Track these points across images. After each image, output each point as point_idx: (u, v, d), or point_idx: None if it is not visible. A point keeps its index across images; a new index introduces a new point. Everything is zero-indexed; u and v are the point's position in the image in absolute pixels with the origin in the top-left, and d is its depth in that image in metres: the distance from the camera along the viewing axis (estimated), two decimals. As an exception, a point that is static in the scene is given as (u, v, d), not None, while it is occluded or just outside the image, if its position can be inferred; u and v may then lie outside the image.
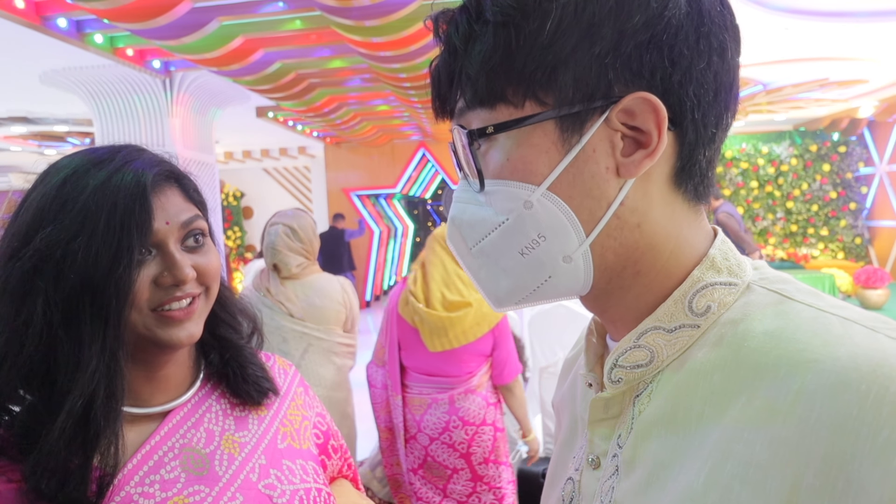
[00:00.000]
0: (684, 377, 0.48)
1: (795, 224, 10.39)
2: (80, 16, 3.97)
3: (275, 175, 12.50)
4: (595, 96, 0.47)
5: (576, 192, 0.49)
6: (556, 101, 0.48)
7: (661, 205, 0.50)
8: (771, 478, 0.40)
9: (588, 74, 0.47)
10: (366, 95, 6.72)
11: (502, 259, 0.52)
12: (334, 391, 2.57)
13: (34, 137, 8.22)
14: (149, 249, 0.73)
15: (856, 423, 0.38)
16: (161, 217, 0.73)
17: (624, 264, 0.51)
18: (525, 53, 0.48)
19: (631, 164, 0.48)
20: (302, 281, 2.53)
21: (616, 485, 0.51)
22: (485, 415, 2.38)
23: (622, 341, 0.52)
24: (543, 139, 0.49)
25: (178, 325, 0.74)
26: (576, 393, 0.65)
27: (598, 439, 0.55)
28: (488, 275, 0.54)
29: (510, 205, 0.50)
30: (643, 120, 0.47)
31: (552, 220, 0.49)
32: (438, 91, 0.54)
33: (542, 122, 0.48)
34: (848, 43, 5.28)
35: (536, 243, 0.50)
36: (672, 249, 0.51)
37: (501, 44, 0.49)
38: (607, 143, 0.48)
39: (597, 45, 0.47)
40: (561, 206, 0.49)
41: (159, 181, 0.76)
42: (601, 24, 0.47)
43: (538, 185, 0.49)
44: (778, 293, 0.49)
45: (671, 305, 0.50)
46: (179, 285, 0.73)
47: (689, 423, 0.46)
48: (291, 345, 2.48)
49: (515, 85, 0.49)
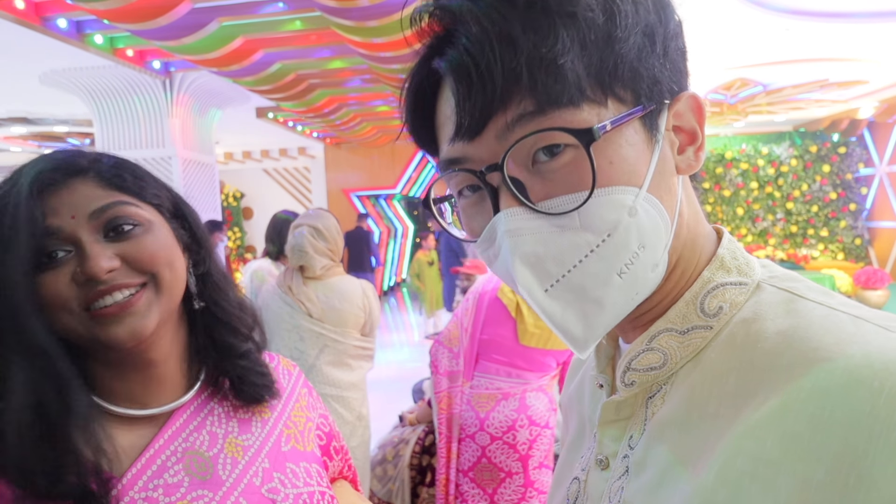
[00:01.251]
0: (699, 379, 0.48)
1: (795, 225, 10.39)
2: (80, 16, 3.97)
3: (275, 176, 12.49)
4: (663, 92, 0.48)
5: (662, 190, 0.47)
6: (634, 98, 0.46)
7: (691, 200, 0.52)
8: (782, 474, 0.40)
9: (656, 72, 0.47)
10: (366, 96, 6.72)
11: (596, 289, 0.46)
12: (349, 392, 2.57)
13: (34, 138, 8.22)
14: (59, 250, 0.69)
15: (868, 420, 0.38)
16: (65, 212, 0.69)
17: (676, 264, 0.50)
18: (602, 47, 0.45)
19: (688, 161, 0.49)
20: (324, 282, 2.53)
21: (626, 485, 0.51)
22: (549, 418, 2.32)
23: (634, 344, 0.52)
24: (636, 137, 0.46)
25: (116, 322, 0.69)
26: (584, 393, 0.65)
27: (608, 440, 0.55)
28: (575, 315, 0.47)
29: (613, 216, 0.45)
30: (688, 118, 0.49)
31: (653, 225, 0.46)
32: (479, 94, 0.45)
33: (632, 120, 0.46)
34: (848, 44, 5.28)
35: (636, 256, 0.45)
36: (701, 245, 0.52)
37: (575, 36, 0.44)
38: (668, 141, 0.49)
39: (656, 44, 0.47)
40: (658, 207, 0.46)
41: (59, 177, 0.71)
42: (654, 26, 0.47)
43: (640, 188, 0.45)
44: (789, 291, 0.49)
45: (683, 307, 0.50)
46: (93, 279, 0.68)
47: (704, 424, 0.46)
48: (308, 344, 2.50)
49: (595, 81, 0.45)
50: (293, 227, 2.54)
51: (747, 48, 5.12)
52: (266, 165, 12.17)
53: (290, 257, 2.53)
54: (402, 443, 2.83)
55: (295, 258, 2.50)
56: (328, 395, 2.51)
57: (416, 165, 11.05)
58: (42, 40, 4.01)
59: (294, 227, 2.53)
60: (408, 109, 0.53)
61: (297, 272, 2.53)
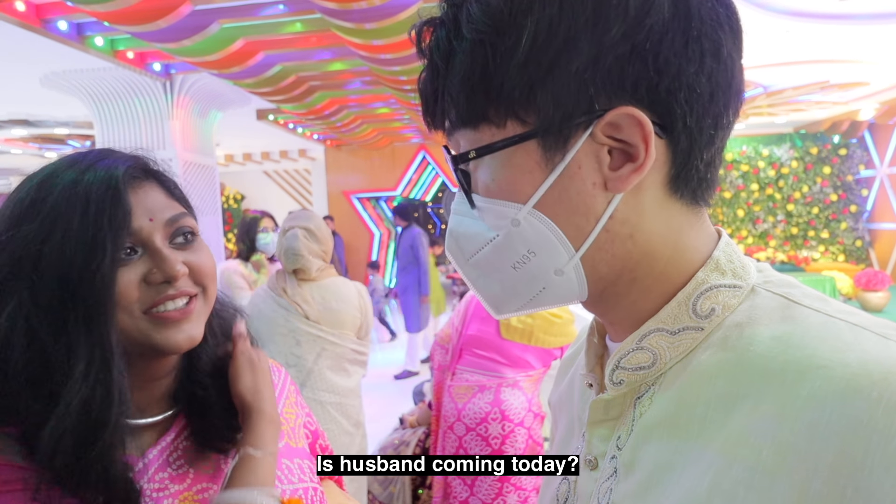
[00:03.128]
0: (688, 380, 0.48)
1: (796, 227, 10.38)
2: (80, 18, 3.97)
3: (275, 178, 12.49)
4: (576, 114, 0.46)
5: (562, 209, 0.48)
6: (537, 119, 0.47)
7: (655, 213, 0.49)
8: (778, 484, 0.40)
9: (567, 91, 0.46)
10: (366, 98, 6.72)
11: (496, 272, 0.52)
12: (348, 398, 2.52)
13: (35, 140, 8.22)
14: (133, 248, 0.69)
15: (867, 430, 0.37)
16: (142, 214, 0.70)
17: (619, 273, 0.50)
18: (502, 72, 0.46)
19: (619, 179, 0.47)
20: (319, 283, 2.47)
21: (614, 486, 0.50)
22: (524, 417, 2.35)
23: (624, 343, 0.52)
24: (526, 159, 0.48)
25: (175, 327, 0.70)
26: (574, 392, 0.65)
27: (597, 440, 0.54)
28: (485, 284, 0.54)
29: (499, 222, 0.50)
30: (629, 133, 0.46)
31: (540, 237, 0.49)
32: (426, 108, 0.54)
33: (524, 142, 0.47)
34: (849, 45, 5.28)
35: (527, 258, 0.50)
36: (670, 255, 0.50)
37: (479, 62, 0.47)
38: (593, 158, 0.47)
39: (574, 60, 0.45)
40: (547, 223, 0.49)
41: (135, 176, 0.72)
42: (578, 39, 0.45)
43: (524, 204, 0.49)
44: (784, 297, 0.48)
45: (674, 307, 0.50)
46: (171, 282, 0.69)
47: (692, 426, 0.46)
48: (304, 348, 2.42)
49: (496, 105, 0.47)
50: (283, 229, 2.47)
51: (747, 50, 5.09)
52: (267, 167, 12.18)
53: (283, 261, 2.45)
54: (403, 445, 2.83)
55: (290, 262, 2.43)
56: (327, 403, 2.44)
57: (416, 167, 11.04)
58: (43, 42, 4.02)
59: (284, 229, 2.46)
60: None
61: (290, 274, 2.46)
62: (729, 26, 0.48)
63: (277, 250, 2.50)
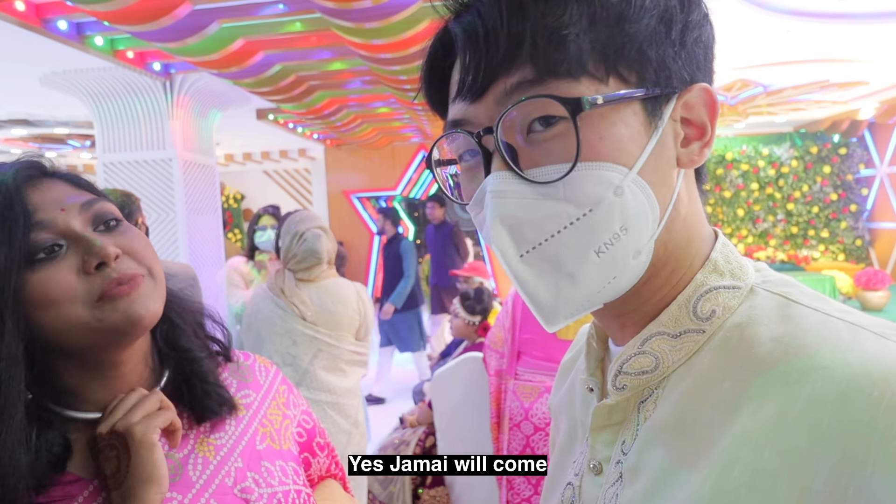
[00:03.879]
0: (692, 384, 0.48)
1: (796, 226, 10.37)
2: (80, 18, 3.97)
3: (275, 177, 12.49)
4: (672, 80, 0.47)
5: (657, 178, 0.47)
6: (639, 80, 0.46)
7: (693, 199, 0.51)
8: (780, 485, 0.40)
9: (667, 57, 0.46)
10: (366, 98, 6.71)
11: (571, 262, 0.45)
12: (345, 398, 2.51)
13: (35, 140, 8.22)
14: (56, 244, 0.67)
15: (868, 430, 0.37)
16: (50, 206, 0.67)
17: (667, 260, 0.50)
18: (612, 25, 0.45)
19: (691, 155, 0.48)
20: (318, 284, 2.46)
21: (620, 492, 0.50)
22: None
23: (626, 347, 0.51)
24: (634, 119, 0.46)
25: (129, 300, 0.67)
26: (574, 396, 0.64)
27: (601, 445, 0.54)
28: (546, 285, 0.46)
29: (598, 192, 0.44)
30: (699, 112, 0.48)
31: (639, 209, 0.45)
32: (483, 56, 0.45)
33: (632, 101, 0.46)
34: (848, 45, 5.28)
35: (617, 237, 0.45)
36: (698, 247, 0.51)
37: (585, 10, 0.45)
38: (672, 131, 0.48)
39: (672, 30, 0.47)
40: (648, 192, 0.46)
41: (32, 175, 0.70)
42: (673, 13, 0.47)
43: (629, 169, 0.45)
44: (783, 297, 0.48)
45: (675, 310, 0.50)
46: (107, 262, 0.66)
47: (698, 430, 0.46)
48: (301, 349, 2.42)
49: (599, 58, 0.45)
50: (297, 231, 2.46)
51: (747, 49, 5.12)
52: (266, 167, 12.17)
53: (301, 260, 2.44)
54: (403, 444, 2.82)
55: (308, 260, 2.43)
56: (323, 402, 2.44)
57: (416, 167, 11.04)
58: (42, 42, 4.01)
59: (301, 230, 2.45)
60: (424, 72, 0.52)
61: (290, 274, 2.46)
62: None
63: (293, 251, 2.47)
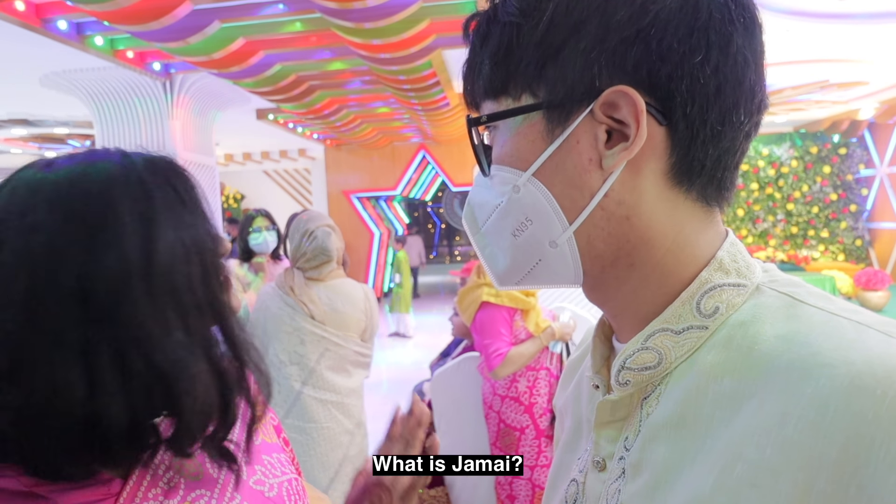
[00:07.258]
0: (693, 380, 0.48)
1: (796, 226, 10.39)
2: (80, 18, 3.97)
3: (275, 177, 12.51)
4: (577, 90, 0.49)
5: (558, 180, 0.51)
6: (546, 94, 0.51)
7: (655, 201, 0.50)
8: (782, 482, 0.40)
9: (573, 69, 0.49)
10: (366, 98, 6.72)
11: (500, 239, 0.56)
12: (349, 398, 2.52)
13: (34, 140, 8.22)
14: None
15: (871, 428, 0.37)
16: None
17: (616, 255, 0.52)
18: (522, 50, 0.51)
19: (610, 157, 0.49)
20: (327, 284, 2.47)
21: (622, 487, 0.50)
22: (542, 359, 2.54)
23: (630, 343, 0.52)
24: (531, 130, 0.52)
25: None
26: (581, 394, 0.65)
27: (605, 441, 0.54)
28: (491, 253, 0.57)
29: (504, 188, 0.54)
30: (625, 113, 0.48)
31: (536, 205, 0.52)
32: (466, 86, 0.59)
33: (531, 113, 0.52)
34: (848, 45, 5.28)
35: (525, 226, 0.53)
36: (669, 247, 0.51)
37: (505, 41, 0.52)
38: (591, 135, 0.50)
39: (583, 40, 0.49)
40: (543, 191, 0.52)
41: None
42: (588, 21, 0.49)
43: (524, 171, 0.52)
44: (789, 296, 0.48)
45: (679, 307, 0.50)
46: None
47: (699, 426, 0.46)
48: (309, 348, 2.43)
49: (514, 79, 0.52)
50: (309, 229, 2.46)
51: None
52: (266, 167, 12.18)
53: (311, 258, 2.45)
54: (403, 444, 2.82)
55: (318, 258, 2.44)
56: (328, 402, 2.45)
57: (416, 167, 11.05)
58: (42, 42, 4.01)
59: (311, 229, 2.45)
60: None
61: (299, 272, 2.47)
62: (742, 23, 0.49)
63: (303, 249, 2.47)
